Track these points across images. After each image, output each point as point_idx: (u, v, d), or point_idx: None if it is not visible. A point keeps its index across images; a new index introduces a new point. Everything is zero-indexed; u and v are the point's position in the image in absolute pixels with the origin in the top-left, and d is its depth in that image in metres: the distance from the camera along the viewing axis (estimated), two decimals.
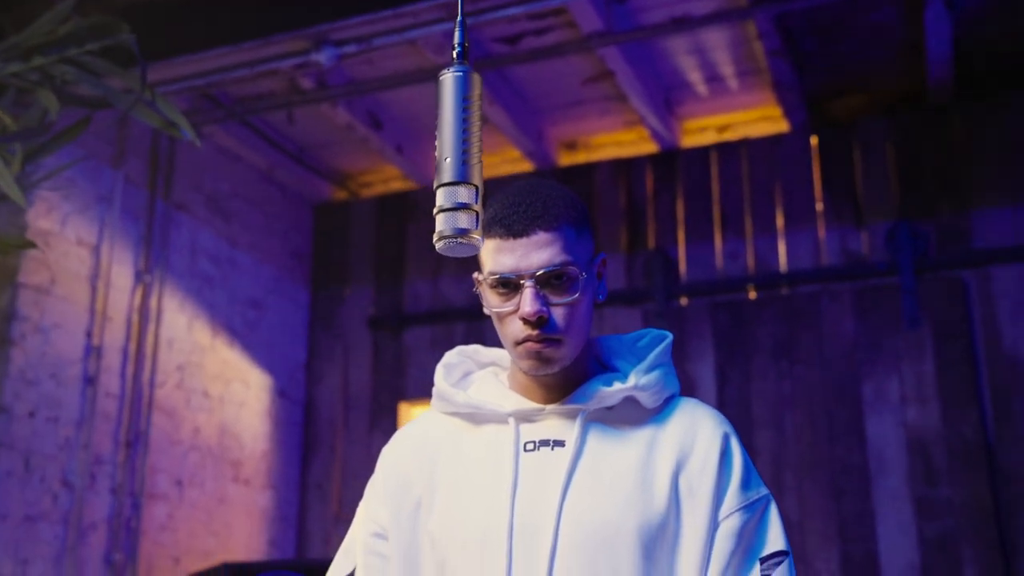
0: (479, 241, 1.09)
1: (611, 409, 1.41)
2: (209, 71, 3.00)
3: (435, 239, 1.10)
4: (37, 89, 2.31)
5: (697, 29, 3.39)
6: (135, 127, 3.69)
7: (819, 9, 3.41)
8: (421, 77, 3.58)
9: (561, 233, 1.37)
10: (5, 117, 2.28)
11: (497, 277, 1.37)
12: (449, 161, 1.12)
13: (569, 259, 1.36)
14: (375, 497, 1.51)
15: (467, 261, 4.54)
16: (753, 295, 4.03)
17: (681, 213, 4.23)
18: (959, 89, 3.92)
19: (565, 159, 4.55)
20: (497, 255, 1.37)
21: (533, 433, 1.40)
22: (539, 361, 1.37)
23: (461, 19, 1.19)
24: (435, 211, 1.11)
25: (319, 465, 4.51)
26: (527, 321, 1.35)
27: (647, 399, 1.41)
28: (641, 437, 1.39)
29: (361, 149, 4.49)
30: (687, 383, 3.91)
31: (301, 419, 4.53)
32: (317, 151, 4.54)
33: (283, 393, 4.43)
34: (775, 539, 1.35)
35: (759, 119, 4.30)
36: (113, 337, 3.52)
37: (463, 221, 1.09)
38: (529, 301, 1.35)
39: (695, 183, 4.24)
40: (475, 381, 1.53)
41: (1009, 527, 3.47)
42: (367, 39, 2.79)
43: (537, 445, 1.39)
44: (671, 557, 1.33)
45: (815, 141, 4.10)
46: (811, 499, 3.66)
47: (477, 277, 1.45)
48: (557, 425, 1.40)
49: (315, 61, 2.81)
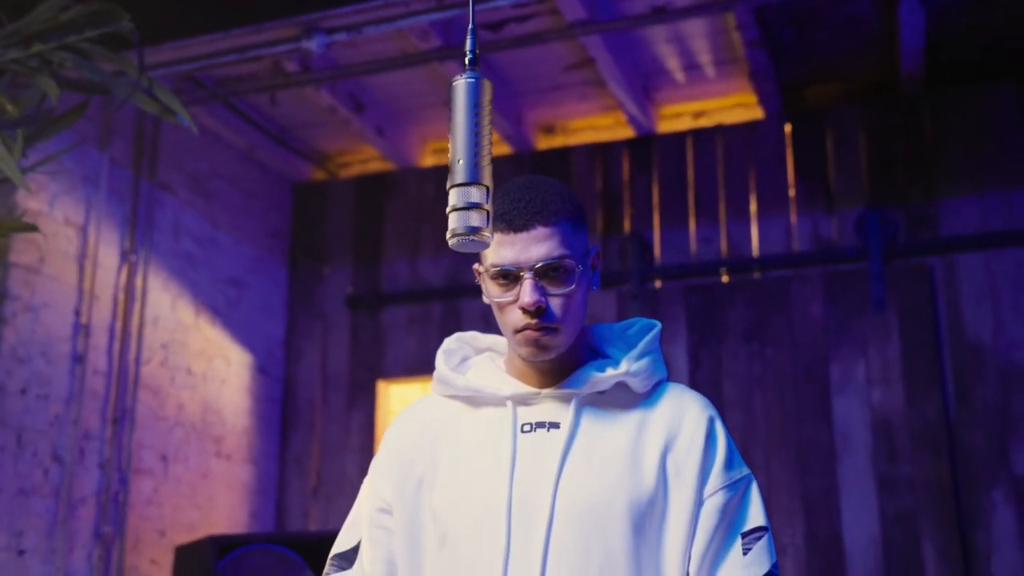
0: (489, 238, 1.15)
1: (603, 393, 1.50)
2: (199, 56, 3.04)
3: (448, 236, 1.17)
4: (37, 75, 2.35)
5: (678, 19, 3.47)
6: (120, 109, 3.72)
7: (796, 0, 3.50)
8: (405, 62, 3.64)
9: (559, 228, 1.46)
10: (7, 103, 2.32)
11: (498, 269, 1.46)
12: (462, 163, 1.19)
13: (566, 252, 1.45)
14: (379, 474, 1.58)
15: (445, 243, 4.63)
16: (726, 279, 4.14)
17: (656, 197, 4.33)
18: (930, 80, 4.04)
19: (543, 143, 4.63)
20: (498, 248, 1.46)
21: (530, 416, 1.49)
22: (537, 348, 1.46)
23: (472, 27, 1.26)
24: (448, 210, 1.18)
25: (298, 441, 4.58)
26: (526, 311, 1.44)
27: (637, 384, 1.51)
28: (631, 420, 1.48)
29: (341, 130, 4.54)
30: None
31: (280, 396, 4.60)
32: (297, 131, 4.59)
33: (263, 370, 4.49)
34: (755, 516, 1.45)
35: (734, 106, 4.40)
36: (100, 316, 3.57)
37: (475, 220, 1.15)
38: (528, 292, 1.44)
39: (670, 168, 4.33)
40: (473, 366, 1.62)
41: (966, 504, 3.63)
42: (357, 27, 2.84)
43: (534, 427, 1.48)
44: (659, 532, 1.42)
45: (789, 129, 4.21)
46: (778, 476, 3.80)
47: (477, 268, 1.54)
48: (552, 408, 1.49)
49: (305, 49, 2.86)
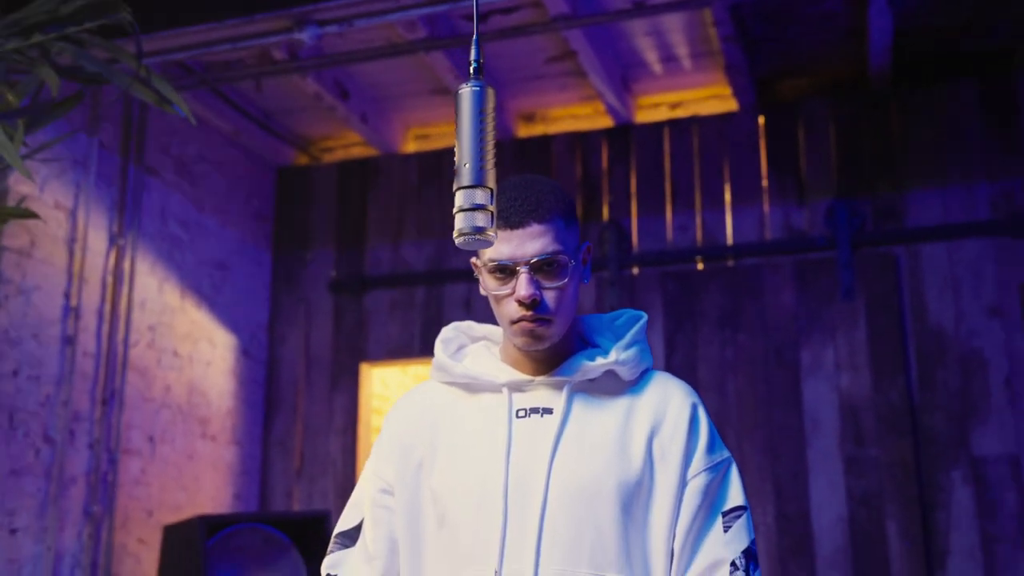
0: (494, 237, 1.19)
1: (593, 381, 1.57)
2: (191, 45, 3.09)
3: (455, 235, 1.24)
4: (37, 66, 2.40)
5: (657, 15, 3.57)
6: (109, 94, 3.76)
7: None
8: (392, 51, 3.71)
9: (553, 225, 1.53)
10: (8, 93, 2.37)
11: (495, 263, 1.53)
12: (468, 167, 1.26)
13: (559, 248, 1.53)
14: (381, 457, 1.64)
15: (427, 228, 4.68)
16: (701, 266, 4.26)
17: (634, 186, 4.44)
18: (897, 78, 4.17)
19: (523, 131, 4.72)
20: (496, 244, 1.54)
21: (524, 402, 1.56)
22: (532, 338, 1.54)
23: (476, 37, 1.34)
24: (455, 210, 1.27)
25: (281, 423, 4.66)
26: (522, 303, 1.51)
27: (625, 372, 1.58)
28: (620, 406, 1.56)
29: (326, 116, 4.60)
30: None
31: (264, 378, 4.67)
32: (281, 116, 4.64)
33: (247, 353, 4.56)
34: (735, 496, 1.54)
35: (709, 97, 4.51)
36: (90, 299, 3.62)
37: (480, 220, 1.20)
38: (524, 285, 1.51)
39: (648, 158, 4.44)
40: (469, 354, 1.69)
41: (928, 485, 3.79)
42: (348, 20, 2.91)
43: (528, 412, 1.55)
44: (645, 511, 1.50)
45: (762, 121, 4.33)
46: (750, 458, 3.94)
47: (475, 262, 1.62)
48: (546, 395, 1.56)
49: (297, 40, 2.93)
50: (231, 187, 4.56)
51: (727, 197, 4.30)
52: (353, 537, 1.65)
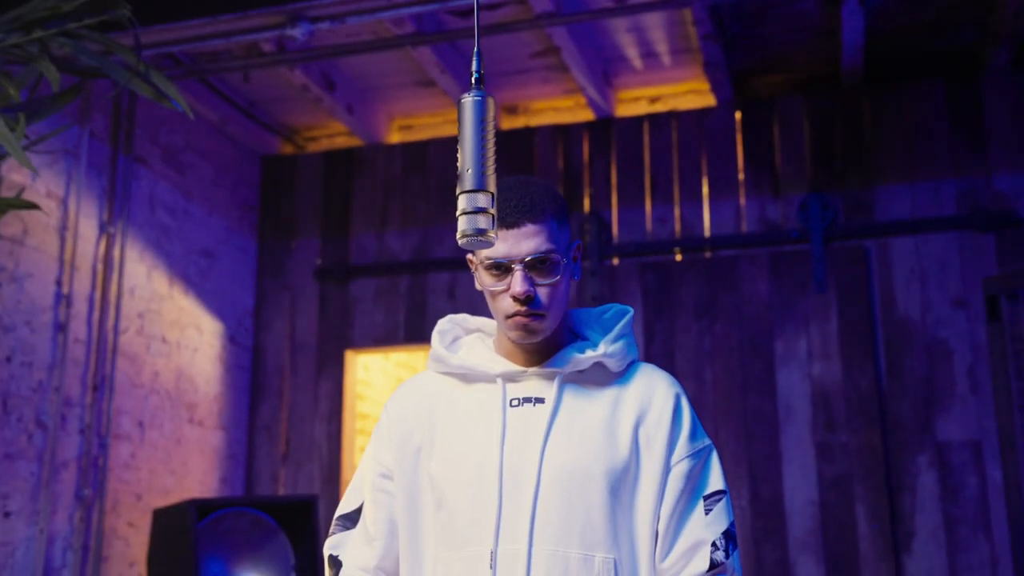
0: (495, 238, 1.25)
1: (583, 372, 1.66)
2: (184, 39, 3.15)
3: (458, 237, 1.30)
4: (38, 61, 2.46)
5: (638, 13, 3.66)
6: (100, 85, 3.81)
7: None
8: (380, 45, 3.78)
9: (546, 225, 1.62)
10: (9, 87, 2.43)
11: (492, 261, 1.61)
12: (470, 172, 1.33)
13: (552, 247, 1.61)
14: (381, 443, 1.72)
15: (411, 217, 4.78)
16: (679, 257, 4.38)
17: (614, 178, 4.54)
18: (868, 76, 4.30)
19: (506, 123, 4.80)
20: None
21: (518, 391, 1.64)
22: (526, 332, 1.62)
23: (477, 49, 1.42)
24: (458, 213, 1.34)
25: (267, 408, 4.74)
26: (517, 299, 1.59)
27: (613, 364, 1.67)
28: (607, 396, 1.65)
29: (312, 106, 4.66)
30: None
31: (250, 364, 4.75)
32: (267, 106, 4.70)
33: (233, 339, 4.63)
34: (715, 480, 1.64)
35: (688, 92, 4.62)
36: (80, 286, 3.68)
37: (482, 222, 1.25)
38: (519, 282, 1.60)
39: (628, 151, 4.54)
40: (464, 345, 1.77)
41: (895, 468, 3.94)
42: (341, 17, 2.98)
43: (521, 402, 1.63)
44: (632, 495, 1.60)
45: (739, 116, 4.44)
46: (726, 443, 4.07)
47: (472, 259, 1.71)
48: (538, 385, 1.64)
49: (290, 36, 2.99)
50: (218, 176, 4.62)
51: (704, 190, 4.41)
52: (354, 519, 1.73)
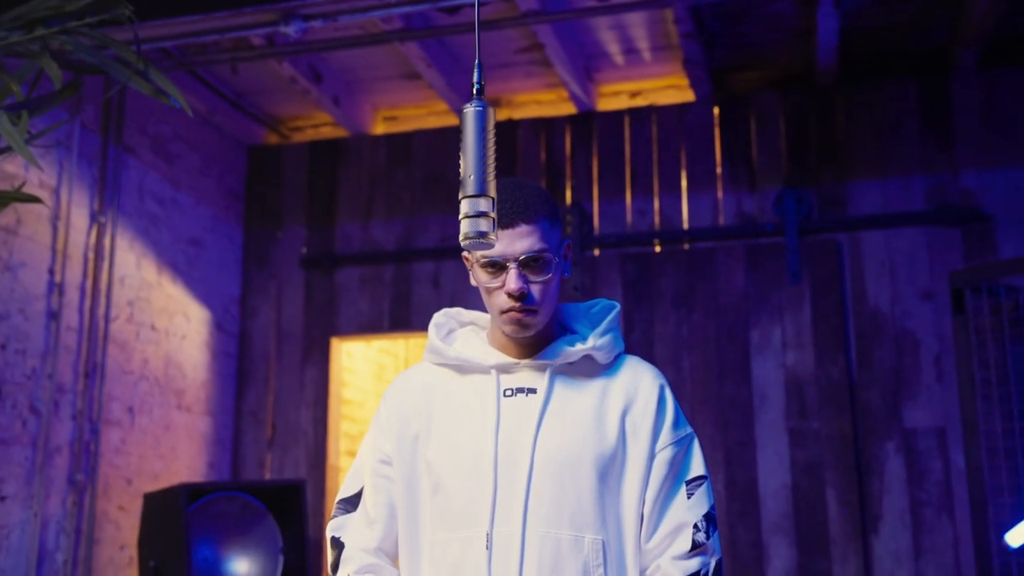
0: (495, 240, 1.32)
1: (572, 364, 1.76)
2: (178, 35, 3.21)
3: (461, 239, 1.37)
4: (40, 58, 2.52)
5: (621, 12, 3.76)
6: (91, 76, 3.85)
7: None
8: (368, 40, 3.85)
9: (539, 225, 1.71)
10: (12, 84, 2.49)
11: (487, 259, 1.71)
12: (472, 178, 1.40)
13: (545, 247, 1.71)
14: (380, 430, 1.82)
15: (396, 207, 4.89)
16: (658, 249, 4.49)
17: (596, 171, 4.64)
18: (842, 75, 4.42)
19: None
20: None
21: (511, 382, 1.74)
22: (520, 327, 1.72)
23: (478, 62, 1.51)
24: (460, 216, 1.44)
25: (253, 394, 4.82)
26: (511, 296, 1.69)
27: (601, 357, 1.77)
28: (596, 387, 1.75)
29: (298, 97, 4.73)
30: None
31: (236, 351, 4.82)
32: (254, 96, 4.75)
33: (220, 327, 4.70)
34: (697, 466, 1.75)
35: (667, 87, 4.72)
36: (72, 275, 3.75)
37: (483, 225, 1.32)
38: (513, 280, 1.69)
39: (609, 144, 4.65)
40: (458, 338, 1.86)
41: (864, 454, 4.09)
42: (333, 15, 3.05)
43: (514, 392, 1.73)
44: (619, 480, 1.70)
45: (717, 112, 4.55)
46: (702, 430, 4.19)
47: (467, 257, 1.80)
48: (530, 376, 1.74)
49: (283, 33, 3.06)
50: (205, 165, 4.68)
51: (683, 183, 4.52)
52: (354, 503, 1.82)
